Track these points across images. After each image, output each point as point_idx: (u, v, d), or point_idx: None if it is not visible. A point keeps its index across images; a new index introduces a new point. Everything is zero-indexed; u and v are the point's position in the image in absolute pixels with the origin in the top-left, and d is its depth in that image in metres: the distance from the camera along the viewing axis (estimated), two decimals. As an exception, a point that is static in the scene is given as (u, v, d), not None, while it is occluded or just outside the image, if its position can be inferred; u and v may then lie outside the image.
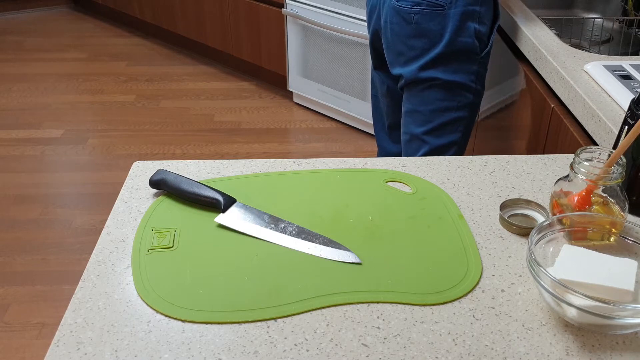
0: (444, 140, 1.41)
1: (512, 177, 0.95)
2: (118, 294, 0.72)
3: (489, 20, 1.35)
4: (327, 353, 0.65)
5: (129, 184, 0.92)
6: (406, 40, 1.36)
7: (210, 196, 0.85)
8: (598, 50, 1.57)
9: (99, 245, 0.80)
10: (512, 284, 0.74)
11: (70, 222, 2.24)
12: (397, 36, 1.37)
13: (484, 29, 1.34)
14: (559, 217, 0.76)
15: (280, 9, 2.80)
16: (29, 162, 2.60)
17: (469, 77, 1.37)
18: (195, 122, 2.92)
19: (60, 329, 0.68)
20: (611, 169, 0.76)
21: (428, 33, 1.32)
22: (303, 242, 0.80)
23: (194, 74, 3.39)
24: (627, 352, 0.66)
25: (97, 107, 3.05)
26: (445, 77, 1.35)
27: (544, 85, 1.32)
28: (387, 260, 0.78)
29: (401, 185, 0.93)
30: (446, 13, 1.30)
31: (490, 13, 1.35)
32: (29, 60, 3.56)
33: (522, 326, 0.69)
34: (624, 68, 1.17)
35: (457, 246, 0.80)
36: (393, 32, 1.37)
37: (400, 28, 1.35)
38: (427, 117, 1.41)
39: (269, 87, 3.23)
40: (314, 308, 0.70)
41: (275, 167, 0.97)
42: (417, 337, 0.67)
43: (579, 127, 1.15)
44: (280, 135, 2.82)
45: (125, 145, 2.74)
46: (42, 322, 1.81)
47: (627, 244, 0.74)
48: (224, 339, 0.67)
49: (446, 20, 1.30)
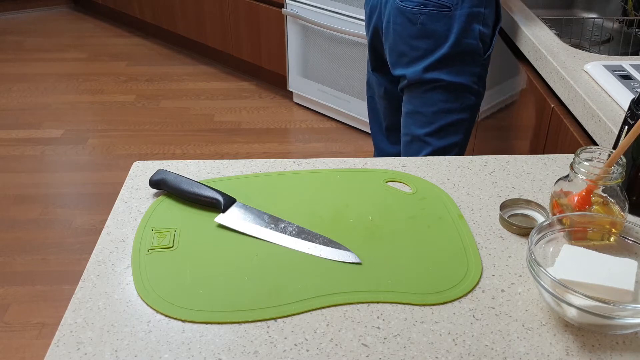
0: (447, 141, 1.41)
1: (512, 177, 0.95)
2: (118, 294, 0.72)
3: (492, 22, 1.36)
4: (327, 353, 0.65)
5: (129, 184, 0.92)
6: (410, 41, 1.35)
7: (210, 196, 0.85)
8: (598, 50, 1.57)
9: (99, 245, 0.80)
10: (512, 284, 0.74)
11: (70, 222, 2.24)
12: (400, 37, 1.36)
13: (487, 31, 1.34)
14: (559, 217, 0.76)
15: (280, 9, 2.80)
16: (29, 162, 2.60)
17: (472, 78, 1.37)
18: (195, 122, 2.92)
19: (60, 329, 0.68)
20: (611, 169, 0.76)
21: (433, 34, 1.32)
22: (303, 242, 0.80)
23: (194, 74, 3.39)
24: (627, 352, 0.66)
25: (97, 107, 3.05)
26: (450, 78, 1.35)
27: (544, 85, 1.32)
28: (387, 260, 0.78)
29: (401, 185, 0.93)
30: (452, 14, 1.30)
31: (493, 15, 1.35)
32: (29, 60, 3.56)
33: (522, 326, 0.69)
34: (624, 68, 1.17)
35: (457, 246, 0.80)
36: (396, 32, 1.36)
37: (404, 28, 1.34)
38: (430, 119, 1.40)
39: (269, 87, 3.23)
40: (314, 308, 0.70)
41: (275, 167, 0.97)
42: (417, 337, 0.67)
43: (579, 127, 1.15)
44: (280, 135, 2.82)
45: (125, 145, 2.74)
46: (42, 322, 1.81)
47: (627, 244, 0.74)
48: (224, 339, 0.67)
49: (452, 21, 1.30)
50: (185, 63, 3.52)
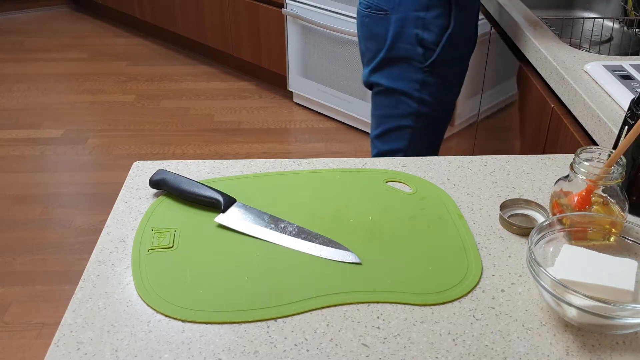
0: (389, 146, 1.42)
1: (512, 177, 0.95)
2: (118, 294, 0.72)
3: (439, 28, 1.29)
4: (327, 353, 0.65)
5: (129, 184, 0.92)
6: (363, 42, 1.39)
7: (210, 196, 0.85)
8: (598, 50, 1.57)
9: (99, 245, 0.80)
10: (512, 284, 0.74)
11: (70, 222, 2.24)
12: (359, 37, 1.41)
13: (430, 37, 1.29)
14: (559, 217, 0.76)
15: (280, 9, 2.81)
16: (29, 162, 2.60)
17: (411, 85, 1.33)
18: (195, 122, 2.92)
19: (60, 329, 0.68)
20: (611, 169, 0.76)
21: (376, 37, 1.33)
22: (303, 242, 0.80)
23: (194, 74, 3.39)
24: (627, 352, 0.66)
25: (97, 107, 3.05)
26: (388, 83, 1.34)
27: (544, 85, 1.32)
28: (387, 260, 0.78)
29: (401, 185, 0.93)
30: (389, 18, 1.29)
31: (441, 21, 1.29)
32: (29, 60, 3.56)
33: (522, 326, 0.69)
34: (624, 68, 1.17)
35: (457, 246, 0.80)
36: (357, 33, 1.42)
37: (359, 30, 1.39)
38: (377, 122, 1.43)
39: (269, 87, 3.23)
40: (314, 308, 0.70)
41: (275, 167, 0.97)
42: (417, 337, 0.67)
43: (579, 127, 1.15)
44: (280, 135, 2.82)
45: (125, 145, 2.74)
46: (42, 322, 1.81)
47: (627, 244, 0.74)
48: (224, 339, 0.67)
49: (388, 25, 1.30)
50: (185, 63, 3.52)
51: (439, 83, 1.34)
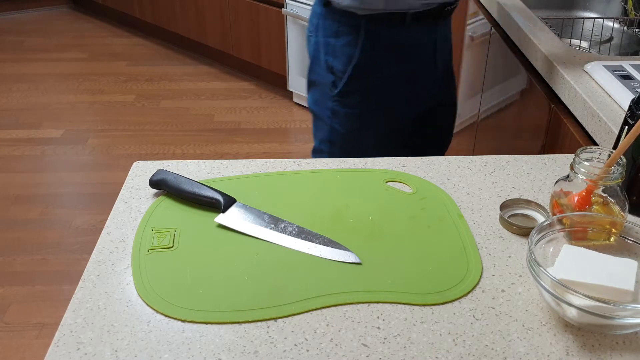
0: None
1: (512, 177, 0.95)
2: (118, 294, 0.72)
3: (346, 57, 1.21)
4: (327, 353, 0.65)
5: (129, 184, 0.92)
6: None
7: (210, 196, 0.85)
8: (598, 50, 1.57)
9: (99, 245, 0.80)
10: (512, 284, 0.74)
11: (70, 222, 2.24)
12: None
13: (338, 65, 1.22)
14: (559, 217, 0.76)
15: (280, 9, 2.80)
16: (29, 162, 2.60)
17: (325, 112, 1.28)
18: (195, 122, 2.92)
19: (60, 329, 0.68)
20: (611, 169, 0.76)
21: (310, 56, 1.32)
22: (303, 242, 0.80)
23: (194, 74, 3.39)
24: (627, 352, 0.66)
25: (97, 107, 3.05)
26: (310, 104, 1.33)
27: (544, 85, 1.32)
28: (387, 260, 0.78)
29: (401, 185, 0.93)
30: (310, 40, 1.29)
31: (348, 50, 1.21)
32: (29, 60, 3.56)
33: (522, 326, 0.69)
34: (624, 68, 1.17)
35: (457, 246, 0.80)
36: None
37: None
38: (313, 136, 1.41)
39: (269, 87, 3.23)
40: (314, 308, 0.70)
41: (275, 167, 0.97)
42: (417, 337, 0.67)
43: (579, 127, 1.15)
44: (280, 135, 2.82)
45: (125, 145, 2.74)
46: (42, 322, 1.81)
47: (627, 244, 0.74)
48: (224, 339, 0.67)
49: (310, 47, 1.29)
50: (185, 63, 3.52)
51: (350, 114, 1.26)
